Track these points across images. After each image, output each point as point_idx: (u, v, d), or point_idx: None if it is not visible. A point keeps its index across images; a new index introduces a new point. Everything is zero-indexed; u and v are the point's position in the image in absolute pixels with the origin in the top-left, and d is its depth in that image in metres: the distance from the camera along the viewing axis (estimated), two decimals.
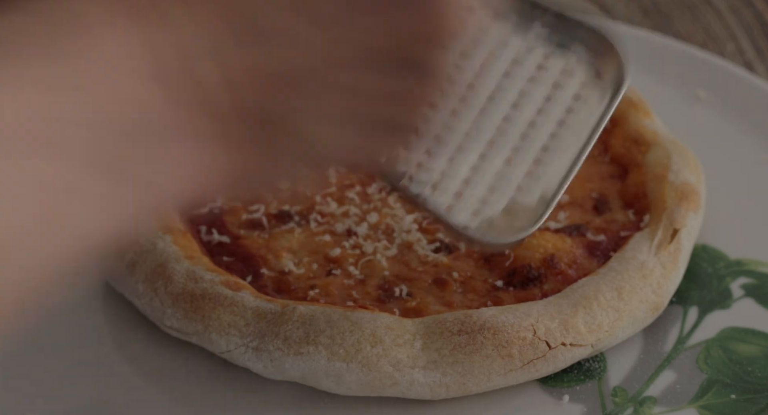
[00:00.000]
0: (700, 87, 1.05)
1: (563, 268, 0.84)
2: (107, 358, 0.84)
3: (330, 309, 0.80)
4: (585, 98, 0.73)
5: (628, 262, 0.84)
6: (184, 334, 0.82)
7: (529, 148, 0.73)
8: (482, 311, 0.80)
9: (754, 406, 0.79)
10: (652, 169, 0.90)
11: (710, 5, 1.21)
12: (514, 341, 0.79)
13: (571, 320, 0.80)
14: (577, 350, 0.80)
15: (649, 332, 0.85)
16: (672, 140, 0.93)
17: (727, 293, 0.88)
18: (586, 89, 0.73)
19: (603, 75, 0.73)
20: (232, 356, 0.80)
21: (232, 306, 0.80)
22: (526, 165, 0.73)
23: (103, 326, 0.86)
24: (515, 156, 0.73)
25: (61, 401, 0.81)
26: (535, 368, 0.79)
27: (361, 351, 0.78)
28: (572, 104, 0.73)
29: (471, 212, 0.73)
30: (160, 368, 0.83)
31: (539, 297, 0.83)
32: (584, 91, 0.73)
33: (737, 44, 1.16)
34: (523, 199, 0.73)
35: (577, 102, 0.73)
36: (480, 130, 0.73)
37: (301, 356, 0.78)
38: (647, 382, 0.82)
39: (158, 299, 0.82)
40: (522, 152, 0.73)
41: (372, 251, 0.87)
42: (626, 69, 0.73)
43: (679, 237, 0.86)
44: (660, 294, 0.84)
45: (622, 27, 1.12)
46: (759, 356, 0.83)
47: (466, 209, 0.73)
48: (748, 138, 1.00)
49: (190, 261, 0.83)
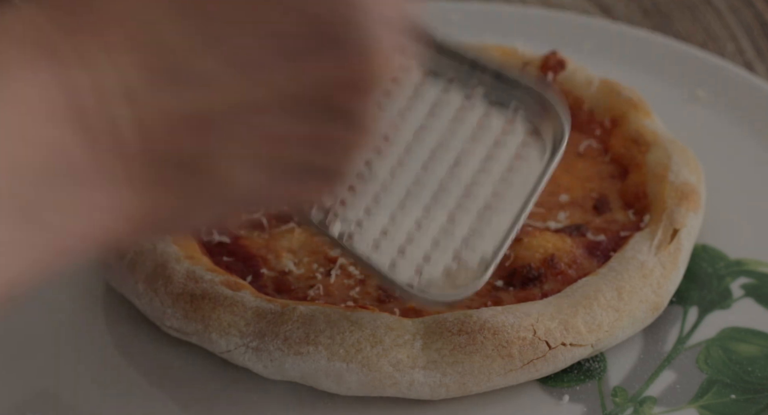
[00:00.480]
0: (700, 87, 1.05)
1: (563, 268, 0.84)
2: (107, 358, 0.84)
3: (330, 309, 0.80)
4: (525, 157, 0.74)
5: (628, 262, 0.84)
6: (184, 334, 0.82)
7: (471, 206, 0.74)
8: (482, 311, 0.80)
9: (754, 406, 0.79)
10: (652, 169, 0.91)
11: (710, 5, 1.21)
12: (514, 341, 0.79)
13: (571, 320, 0.80)
14: (577, 350, 0.80)
15: (649, 332, 0.85)
16: (672, 140, 0.93)
17: (727, 293, 0.88)
18: (525, 148, 0.74)
19: (541, 133, 0.73)
20: (232, 356, 0.80)
21: (232, 306, 0.80)
22: (469, 222, 0.74)
23: (103, 326, 0.86)
24: (458, 213, 0.74)
25: (61, 401, 0.81)
26: (535, 368, 0.79)
27: (361, 351, 0.78)
28: (512, 163, 0.74)
29: (413, 269, 0.74)
30: (160, 368, 0.83)
31: (539, 297, 0.83)
32: (524, 150, 0.74)
33: (737, 44, 1.16)
34: (466, 257, 0.74)
35: (517, 161, 0.74)
36: (421, 188, 0.74)
37: (301, 356, 0.78)
38: (647, 382, 0.82)
39: (158, 299, 0.82)
40: (464, 210, 0.74)
41: None
42: (565, 128, 0.73)
43: (679, 237, 0.86)
44: (660, 294, 0.84)
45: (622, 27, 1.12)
46: (759, 356, 0.83)
47: (408, 266, 0.74)
48: (748, 138, 1.00)
49: (190, 261, 0.83)
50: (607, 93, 0.97)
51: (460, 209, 0.74)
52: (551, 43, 1.04)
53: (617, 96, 0.97)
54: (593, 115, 0.97)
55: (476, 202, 0.74)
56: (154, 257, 0.84)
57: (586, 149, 0.95)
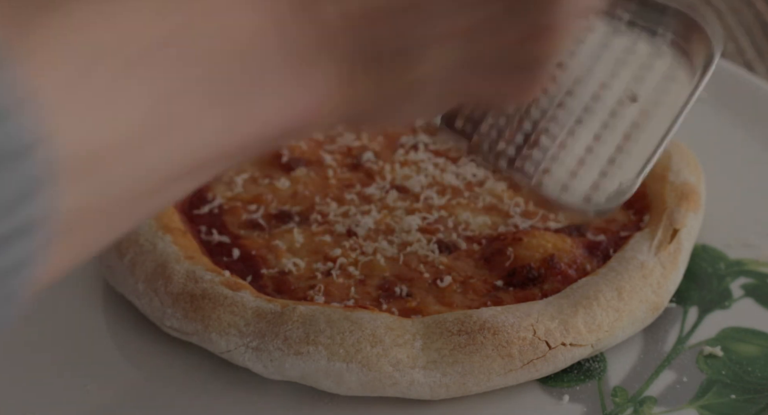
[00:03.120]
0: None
1: (563, 268, 0.84)
2: (107, 358, 0.84)
3: (330, 309, 0.80)
4: (674, 78, 0.73)
5: (628, 262, 0.84)
6: (184, 334, 0.82)
7: (619, 125, 0.74)
8: (482, 311, 0.80)
9: (754, 406, 0.79)
10: (652, 169, 0.90)
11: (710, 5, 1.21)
12: (514, 341, 0.79)
13: (571, 320, 0.80)
14: (577, 350, 0.80)
15: (649, 332, 0.85)
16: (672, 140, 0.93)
17: (727, 293, 0.88)
18: (674, 70, 0.74)
19: (691, 55, 0.73)
20: (232, 356, 0.80)
21: (232, 306, 0.80)
22: (616, 141, 0.74)
23: (103, 326, 0.86)
24: (604, 133, 0.74)
25: (61, 401, 0.81)
26: (535, 368, 0.79)
27: (361, 351, 0.78)
28: (662, 84, 0.74)
29: (560, 185, 0.74)
30: (160, 368, 0.83)
31: (539, 297, 0.83)
32: (673, 72, 0.73)
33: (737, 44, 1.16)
34: (613, 173, 0.74)
35: (666, 81, 0.74)
36: (569, 110, 0.73)
37: (300, 356, 0.78)
38: (647, 382, 0.82)
39: (158, 299, 0.82)
40: (611, 129, 0.74)
41: (372, 251, 0.87)
42: (715, 47, 0.73)
43: (679, 237, 0.86)
44: (660, 294, 0.84)
45: None
46: (759, 356, 0.83)
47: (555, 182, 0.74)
48: (748, 138, 1.00)
49: (190, 261, 0.83)
50: None
51: (607, 129, 0.73)
52: None
53: None
54: None
55: (623, 123, 0.73)
56: (154, 257, 0.84)
57: None
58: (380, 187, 0.92)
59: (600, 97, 0.74)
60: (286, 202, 0.91)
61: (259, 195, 0.92)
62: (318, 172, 0.94)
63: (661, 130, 0.74)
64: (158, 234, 0.85)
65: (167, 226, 0.86)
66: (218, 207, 0.90)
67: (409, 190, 0.92)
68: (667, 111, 0.74)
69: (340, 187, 0.92)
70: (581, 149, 0.74)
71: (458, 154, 0.96)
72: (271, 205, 0.91)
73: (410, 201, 0.91)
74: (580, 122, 0.74)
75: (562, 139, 0.73)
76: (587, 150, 0.74)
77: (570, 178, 0.74)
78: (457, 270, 0.85)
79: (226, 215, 0.90)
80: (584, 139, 0.74)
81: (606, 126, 0.74)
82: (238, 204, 0.91)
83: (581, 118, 0.73)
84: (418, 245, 0.87)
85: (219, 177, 0.93)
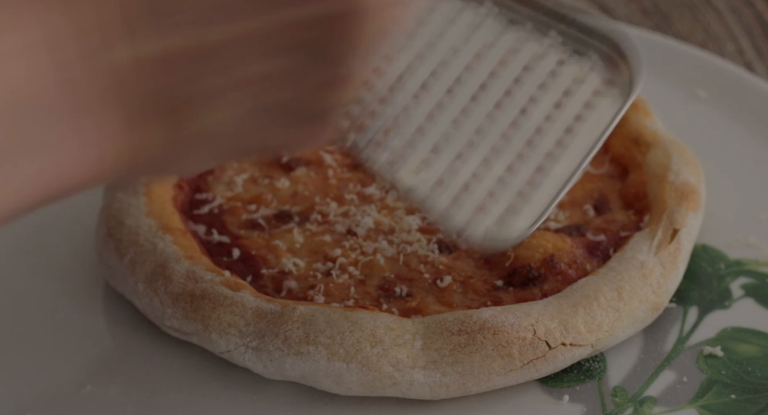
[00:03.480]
0: (700, 87, 1.05)
1: (563, 268, 0.84)
2: (107, 358, 0.84)
3: (330, 309, 0.80)
4: (595, 106, 0.73)
5: (627, 262, 0.84)
6: (184, 334, 0.82)
7: (533, 155, 0.73)
8: (482, 311, 0.80)
9: (754, 406, 0.79)
10: (652, 170, 0.91)
11: (710, 5, 1.21)
12: (514, 341, 0.79)
13: (571, 320, 0.80)
14: (577, 350, 0.80)
15: (649, 332, 0.85)
16: (672, 140, 0.93)
17: (727, 293, 0.88)
18: (596, 97, 0.73)
19: (615, 82, 0.73)
20: (232, 356, 0.80)
21: (232, 306, 0.80)
22: (529, 171, 0.73)
23: (103, 326, 0.86)
24: (518, 162, 0.73)
25: (62, 401, 0.81)
26: (535, 368, 0.79)
27: (361, 351, 0.78)
28: (582, 112, 0.73)
29: (469, 215, 0.73)
30: (160, 368, 0.83)
31: (539, 297, 0.83)
32: (595, 99, 0.73)
33: (737, 44, 1.16)
34: (522, 203, 0.73)
35: (587, 109, 0.73)
36: (484, 137, 0.73)
37: (300, 356, 0.78)
38: (647, 382, 0.82)
39: (158, 299, 0.82)
40: (525, 159, 0.73)
41: (372, 251, 0.87)
42: (638, 77, 0.72)
43: (679, 237, 0.86)
44: (660, 294, 0.84)
45: (622, 27, 1.12)
46: (759, 356, 0.83)
47: (463, 212, 0.73)
48: (748, 138, 1.00)
49: (190, 261, 0.83)
50: None
51: (522, 159, 0.73)
52: None
53: None
54: None
55: (539, 151, 0.73)
56: (154, 256, 0.84)
57: None
58: (380, 187, 0.92)
59: (519, 124, 0.73)
60: (286, 202, 0.91)
61: (259, 195, 0.92)
62: (318, 172, 0.94)
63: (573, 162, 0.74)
64: (158, 234, 0.85)
65: (167, 226, 0.86)
66: (218, 207, 0.90)
67: None
68: (581, 142, 0.73)
69: (340, 187, 0.92)
70: (492, 180, 0.73)
71: None
72: (271, 205, 0.91)
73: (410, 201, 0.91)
74: (497, 151, 0.73)
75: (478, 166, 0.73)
76: (498, 180, 0.73)
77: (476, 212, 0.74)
78: (457, 270, 0.85)
79: (226, 214, 0.90)
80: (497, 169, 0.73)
81: (521, 157, 0.73)
82: (238, 204, 0.91)
83: (498, 146, 0.73)
84: (418, 245, 0.87)
85: (219, 177, 0.93)
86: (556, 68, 0.72)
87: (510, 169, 0.73)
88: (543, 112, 0.73)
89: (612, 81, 0.72)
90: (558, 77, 0.72)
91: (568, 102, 0.72)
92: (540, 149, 0.73)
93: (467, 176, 0.73)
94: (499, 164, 0.73)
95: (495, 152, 0.73)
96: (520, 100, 0.72)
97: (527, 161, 0.73)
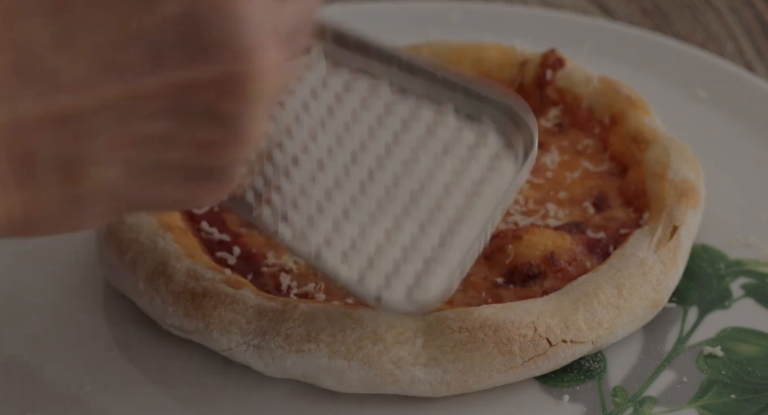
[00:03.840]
0: (700, 87, 1.05)
1: (563, 265, 0.85)
2: (108, 357, 0.84)
3: (331, 307, 0.80)
4: (497, 169, 0.74)
5: (627, 259, 0.84)
6: (185, 332, 0.82)
7: (441, 219, 0.74)
8: (483, 308, 0.80)
9: (754, 406, 0.79)
10: (651, 167, 0.91)
11: (710, 5, 1.21)
12: (515, 339, 0.79)
13: (572, 318, 0.80)
14: (578, 347, 0.80)
15: (649, 332, 0.85)
16: (671, 138, 0.93)
17: (727, 293, 0.88)
18: (497, 161, 0.74)
19: (513, 145, 0.74)
20: (233, 354, 0.80)
21: (233, 304, 0.80)
22: (438, 235, 0.74)
23: (104, 325, 0.86)
24: (427, 226, 0.74)
25: (62, 401, 0.81)
26: (536, 366, 0.79)
27: (363, 349, 0.78)
28: (485, 175, 0.74)
29: (381, 281, 0.75)
30: (161, 367, 0.83)
31: (540, 294, 0.83)
32: (495, 163, 0.74)
33: (737, 44, 1.16)
34: (433, 269, 0.74)
35: (489, 173, 0.74)
36: (390, 202, 0.74)
37: (302, 354, 0.78)
38: (647, 382, 0.82)
39: (159, 298, 0.82)
40: (433, 223, 0.74)
41: None
42: (534, 139, 0.74)
43: (678, 234, 0.86)
44: (660, 291, 0.84)
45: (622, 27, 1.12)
46: (759, 356, 0.83)
47: (376, 277, 0.75)
48: (748, 138, 1.00)
49: (191, 259, 0.83)
50: (606, 91, 0.97)
51: (430, 223, 0.74)
52: (551, 43, 1.04)
53: (616, 94, 0.97)
54: (592, 113, 0.97)
55: (446, 215, 0.74)
56: (155, 255, 0.84)
57: (585, 147, 0.95)
58: None
59: (425, 187, 0.74)
60: None
61: None
62: None
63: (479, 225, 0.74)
64: (159, 232, 0.85)
65: (168, 224, 0.86)
66: (218, 205, 0.90)
67: None
68: (487, 204, 0.74)
69: None
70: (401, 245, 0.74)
71: None
72: None
73: None
74: (407, 213, 0.74)
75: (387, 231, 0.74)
76: (409, 244, 0.74)
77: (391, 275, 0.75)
78: None
79: (227, 213, 0.90)
80: (407, 233, 0.74)
81: (431, 220, 0.74)
82: None
83: (407, 209, 0.74)
84: None
85: None
86: (456, 133, 0.74)
87: (421, 231, 0.74)
88: (447, 177, 0.74)
89: (510, 143, 0.74)
90: (457, 143, 0.74)
91: (470, 166, 0.74)
92: (449, 213, 0.74)
93: (378, 242, 0.74)
94: (409, 228, 0.74)
95: (405, 216, 0.74)
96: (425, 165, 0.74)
97: (437, 224, 0.74)
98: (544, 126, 0.98)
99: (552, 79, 0.99)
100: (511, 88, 1.01)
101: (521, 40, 1.04)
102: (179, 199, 0.66)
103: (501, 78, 1.01)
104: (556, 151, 0.95)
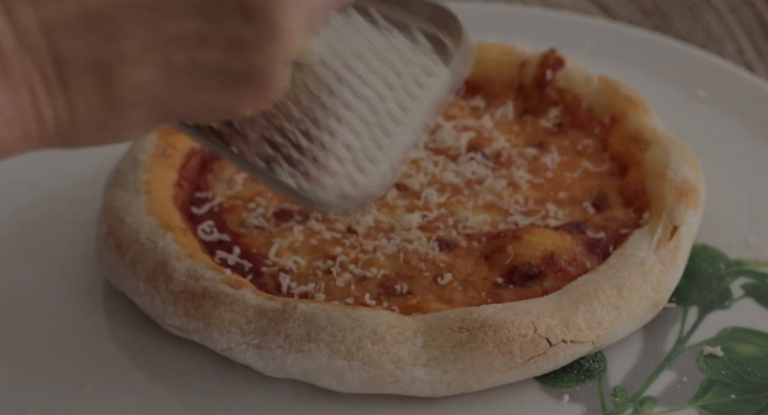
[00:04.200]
0: (700, 87, 1.05)
1: (563, 265, 0.84)
2: (108, 357, 0.84)
3: (331, 307, 0.80)
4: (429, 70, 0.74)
5: (627, 259, 0.84)
6: (185, 332, 0.82)
7: (380, 122, 0.74)
8: (483, 308, 0.80)
9: (754, 406, 0.79)
10: (651, 167, 0.91)
11: (710, 5, 1.21)
12: (515, 338, 0.79)
13: (572, 317, 0.80)
14: (578, 347, 0.80)
15: (649, 332, 0.85)
16: (671, 138, 0.93)
17: (727, 293, 0.88)
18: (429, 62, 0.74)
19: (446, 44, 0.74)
20: (233, 354, 0.80)
21: (233, 304, 0.80)
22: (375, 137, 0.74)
23: (103, 325, 0.86)
24: (363, 130, 0.74)
25: (62, 400, 0.81)
26: (536, 365, 0.79)
27: (363, 349, 0.78)
28: (421, 79, 0.74)
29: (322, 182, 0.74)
30: (161, 367, 0.83)
31: (539, 294, 0.83)
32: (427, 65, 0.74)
33: (737, 44, 1.16)
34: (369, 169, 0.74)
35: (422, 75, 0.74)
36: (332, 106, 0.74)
37: (302, 354, 0.78)
38: (647, 382, 0.82)
39: (159, 298, 0.82)
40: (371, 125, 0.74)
41: (372, 249, 0.87)
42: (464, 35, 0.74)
43: (678, 234, 0.86)
44: (660, 291, 0.84)
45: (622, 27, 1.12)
46: (759, 356, 0.83)
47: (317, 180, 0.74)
48: (748, 138, 1.00)
49: (191, 259, 0.83)
50: (606, 91, 0.97)
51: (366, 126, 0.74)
52: (551, 43, 1.04)
53: (616, 94, 0.97)
54: (592, 113, 0.97)
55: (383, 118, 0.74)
56: (155, 255, 0.84)
57: (585, 147, 0.95)
58: None
59: (361, 94, 0.74)
60: (286, 201, 0.91)
61: (259, 193, 0.92)
62: None
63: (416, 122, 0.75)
64: (159, 232, 0.85)
65: (168, 224, 0.86)
66: (218, 205, 0.90)
67: (408, 188, 0.92)
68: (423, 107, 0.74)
69: None
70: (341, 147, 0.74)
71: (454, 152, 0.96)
72: (271, 204, 0.91)
73: (410, 199, 0.91)
74: (340, 120, 0.74)
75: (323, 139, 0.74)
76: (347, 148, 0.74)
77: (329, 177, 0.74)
78: (457, 268, 0.85)
79: (227, 213, 0.90)
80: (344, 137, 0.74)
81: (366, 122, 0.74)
82: (238, 202, 0.91)
83: (341, 115, 0.74)
84: (418, 243, 0.87)
85: (219, 175, 0.93)
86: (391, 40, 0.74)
87: (357, 136, 0.74)
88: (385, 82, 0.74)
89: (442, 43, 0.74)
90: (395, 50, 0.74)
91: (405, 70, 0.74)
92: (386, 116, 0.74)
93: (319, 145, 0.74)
94: (345, 133, 0.74)
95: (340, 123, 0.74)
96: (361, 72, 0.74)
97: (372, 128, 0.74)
98: (544, 126, 0.98)
99: (552, 79, 0.99)
100: (511, 88, 1.01)
101: (521, 40, 1.04)
102: (220, 106, 0.66)
103: (501, 78, 1.01)
104: (556, 151, 0.95)
